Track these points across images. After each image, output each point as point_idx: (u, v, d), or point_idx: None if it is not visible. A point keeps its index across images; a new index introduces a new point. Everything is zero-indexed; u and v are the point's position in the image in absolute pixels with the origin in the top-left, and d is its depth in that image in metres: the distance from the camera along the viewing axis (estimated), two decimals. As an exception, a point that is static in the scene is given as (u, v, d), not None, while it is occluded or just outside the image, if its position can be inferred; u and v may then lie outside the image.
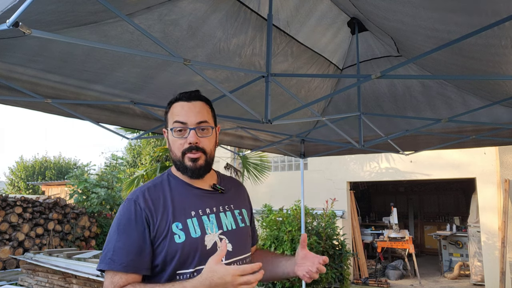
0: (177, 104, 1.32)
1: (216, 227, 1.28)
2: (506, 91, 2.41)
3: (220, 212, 1.33)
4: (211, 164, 1.34)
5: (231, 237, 1.30)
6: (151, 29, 1.94)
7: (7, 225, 8.18)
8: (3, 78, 2.04)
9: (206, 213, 1.29)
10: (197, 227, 1.24)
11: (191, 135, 1.26)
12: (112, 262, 1.17)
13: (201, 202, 1.31)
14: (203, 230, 1.25)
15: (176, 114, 1.29)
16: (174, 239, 1.20)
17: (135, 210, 1.22)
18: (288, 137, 3.93)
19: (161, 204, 1.24)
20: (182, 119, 1.28)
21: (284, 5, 2.19)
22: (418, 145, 3.78)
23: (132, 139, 3.68)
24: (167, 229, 1.21)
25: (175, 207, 1.25)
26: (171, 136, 1.30)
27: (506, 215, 6.61)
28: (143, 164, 16.10)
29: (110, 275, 1.17)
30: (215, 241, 1.26)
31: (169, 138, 1.32)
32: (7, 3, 1.14)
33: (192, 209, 1.27)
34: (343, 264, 6.22)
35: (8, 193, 18.18)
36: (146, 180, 8.76)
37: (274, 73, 1.88)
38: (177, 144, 1.28)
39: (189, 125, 1.27)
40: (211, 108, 1.38)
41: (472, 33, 1.36)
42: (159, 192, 1.28)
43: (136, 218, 1.21)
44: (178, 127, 1.28)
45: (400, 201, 12.24)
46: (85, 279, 5.26)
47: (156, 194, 1.26)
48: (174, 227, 1.21)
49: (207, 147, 1.30)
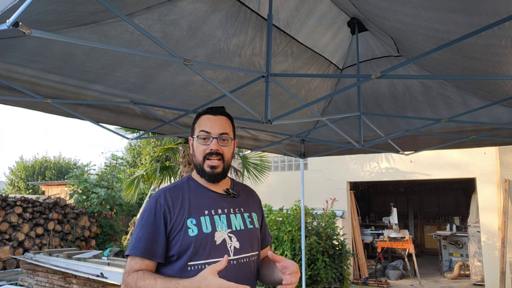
0: (204, 116, 1.53)
1: (226, 226, 1.44)
2: (506, 91, 2.41)
3: (231, 213, 1.49)
4: (227, 171, 1.53)
5: (239, 236, 1.46)
6: (151, 29, 1.94)
7: (7, 225, 8.18)
8: (3, 78, 2.04)
9: (218, 213, 1.46)
10: (208, 224, 1.41)
11: (213, 143, 1.46)
12: (133, 248, 1.37)
13: (214, 203, 1.48)
14: (213, 227, 1.41)
15: (202, 124, 1.50)
16: (188, 233, 1.37)
17: (155, 206, 1.41)
18: (288, 137, 3.93)
19: (179, 202, 1.43)
20: (207, 129, 1.48)
21: (284, 5, 2.19)
22: (418, 145, 3.79)
23: (132, 139, 3.68)
24: (182, 223, 1.38)
25: (191, 205, 1.43)
26: (196, 143, 1.50)
27: (506, 215, 6.61)
28: (143, 164, 16.10)
29: (130, 259, 1.37)
30: (224, 238, 1.42)
31: (194, 144, 1.52)
32: (7, 3, 1.14)
33: (205, 209, 1.44)
34: (343, 264, 6.22)
35: (8, 193, 18.18)
36: (146, 180, 8.77)
37: (274, 73, 1.88)
38: (200, 150, 1.48)
39: (212, 134, 1.47)
40: (232, 124, 1.58)
41: (472, 33, 1.36)
42: (179, 192, 1.47)
43: (156, 213, 1.40)
44: (203, 135, 1.48)
45: (400, 201, 12.24)
46: (85, 279, 5.26)
47: (176, 194, 1.45)
48: (189, 222, 1.39)
49: (226, 155, 1.49)
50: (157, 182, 8.77)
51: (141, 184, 8.89)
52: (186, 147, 8.23)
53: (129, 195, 8.63)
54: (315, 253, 5.86)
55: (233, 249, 1.42)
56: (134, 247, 1.37)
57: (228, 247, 1.41)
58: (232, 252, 1.42)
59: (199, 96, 2.75)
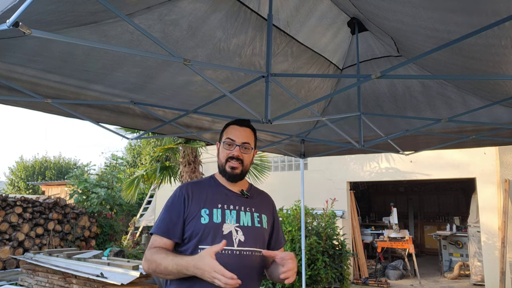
0: (232, 126, 1.75)
1: (235, 220, 1.63)
2: (506, 91, 2.41)
3: (241, 211, 1.68)
4: (245, 174, 1.74)
5: (246, 231, 1.63)
6: (151, 29, 1.94)
7: (7, 225, 8.18)
8: (3, 78, 2.04)
9: (229, 208, 1.66)
10: (219, 216, 1.61)
11: (236, 150, 1.69)
12: (156, 228, 1.61)
13: (228, 199, 1.69)
14: (223, 219, 1.61)
15: (229, 133, 1.73)
16: (200, 220, 1.59)
17: (179, 195, 1.65)
18: (288, 137, 3.93)
19: (198, 194, 1.66)
20: (232, 137, 1.71)
21: (284, 5, 2.19)
22: (418, 145, 3.78)
23: (132, 139, 3.68)
24: (197, 211, 1.60)
25: (207, 198, 1.65)
26: (222, 148, 1.73)
27: (506, 215, 6.61)
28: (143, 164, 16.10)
29: (153, 237, 1.61)
30: (231, 230, 1.61)
31: (220, 148, 1.74)
32: (7, 3, 1.14)
33: (219, 202, 1.66)
34: (343, 264, 6.22)
35: (8, 193, 18.18)
36: (146, 180, 8.76)
37: (274, 73, 1.88)
38: (224, 154, 1.71)
39: (236, 142, 1.70)
40: (255, 135, 1.80)
41: (472, 33, 1.36)
42: (200, 186, 1.71)
43: (178, 200, 1.64)
44: (228, 142, 1.71)
45: (400, 201, 12.24)
46: (85, 279, 5.26)
47: (197, 187, 1.70)
48: (203, 211, 1.61)
49: (246, 160, 1.72)
50: (157, 182, 8.77)
51: (141, 184, 8.89)
52: (186, 147, 8.23)
53: (129, 195, 8.63)
54: (315, 253, 5.85)
55: (237, 241, 1.59)
56: (157, 226, 1.61)
57: (233, 238, 1.59)
58: (236, 243, 1.58)
59: (199, 96, 2.75)
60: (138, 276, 4.89)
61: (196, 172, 8.25)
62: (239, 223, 1.63)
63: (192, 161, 8.25)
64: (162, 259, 1.50)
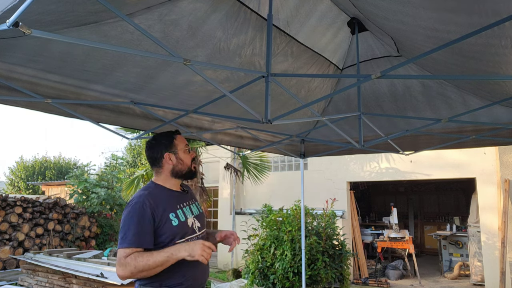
0: (179, 136, 2.06)
1: (190, 213, 2.00)
2: (506, 91, 2.41)
3: (190, 204, 2.04)
4: None
5: (199, 219, 2.04)
6: (151, 29, 1.94)
7: (7, 225, 8.18)
8: (3, 78, 2.04)
9: (184, 206, 1.99)
10: (182, 215, 1.93)
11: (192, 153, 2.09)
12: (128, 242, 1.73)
13: (180, 199, 2.00)
14: (185, 216, 1.95)
15: (181, 141, 2.05)
16: (172, 223, 1.85)
17: (144, 208, 1.80)
18: (288, 137, 3.93)
19: (157, 202, 1.86)
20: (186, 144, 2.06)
21: (284, 5, 2.19)
22: (418, 145, 3.78)
23: (132, 139, 3.68)
24: (165, 218, 1.84)
25: (167, 203, 1.90)
26: (183, 154, 2.02)
27: (506, 215, 6.61)
28: (143, 164, 16.09)
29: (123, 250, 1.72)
30: (192, 221, 1.97)
31: (180, 155, 2.01)
32: (7, 3, 1.14)
33: (176, 204, 1.95)
34: (343, 264, 6.21)
35: (8, 193, 18.17)
36: (146, 180, 8.75)
37: (274, 73, 1.88)
38: (188, 158, 2.04)
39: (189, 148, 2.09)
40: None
41: (472, 33, 1.36)
42: (155, 195, 1.90)
43: (146, 212, 1.79)
44: (188, 148, 2.06)
45: (400, 201, 12.24)
46: (85, 279, 5.26)
47: (153, 197, 1.87)
48: (171, 215, 1.87)
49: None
50: (157, 182, 8.76)
51: (141, 184, 8.88)
52: (186, 147, 8.21)
53: (129, 195, 8.61)
54: (315, 253, 5.85)
55: (197, 228, 1.99)
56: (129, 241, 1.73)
57: (194, 227, 1.97)
58: (197, 230, 1.98)
59: (199, 96, 2.75)
60: (138, 276, 4.89)
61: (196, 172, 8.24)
62: (193, 214, 2.01)
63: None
64: (148, 257, 1.71)
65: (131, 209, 1.79)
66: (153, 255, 1.71)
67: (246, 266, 6.30)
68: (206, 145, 9.36)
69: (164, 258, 1.71)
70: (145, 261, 1.69)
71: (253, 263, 6.06)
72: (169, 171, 1.99)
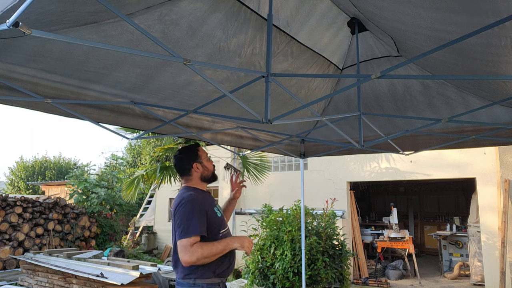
0: (201, 148, 2.40)
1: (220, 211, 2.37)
2: (506, 91, 2.41)
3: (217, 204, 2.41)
4: None
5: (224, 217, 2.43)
6: (151, 29, 1.94)
7: (7, 225, 8.18)
8: (3, 78, 2.04)
9: (216, 204, 2.37)
10: (218, 210, 2.31)
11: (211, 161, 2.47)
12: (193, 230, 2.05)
13: (211, 198, 2.38)
14: (220, 211, 2.34)
15: (204, 152, 2.40)
16: (217, 215, 2.26)
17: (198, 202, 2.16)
18: (288, 137, 3.93)
19: (203, 201, 2.22)
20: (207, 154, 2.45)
21: (284, 5, 2.19)
22: (418, 145, 3.78)
23: (132, 139, 3.68)
24: (212, 211, 2.22)
25: (207, 201, 2.26)
26: (205, 162, 2.37)
27: (506, 215, 6.61)
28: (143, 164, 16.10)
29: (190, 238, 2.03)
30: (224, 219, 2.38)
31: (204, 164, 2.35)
32: (7, 3, 1.14)
33: (212, 202, 2.34)
34: (343, 264, 6.21)
35: (8, 193, 18.17)
36: (146, 180, 8.75)
37: (274, 73, 1.88)
38: (210, 165, 2.39)
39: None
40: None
41: (472, 33, 1.36)
42: (199, 196, 2.24)
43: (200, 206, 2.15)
44: (209, 157, 2.49)
45: (400, 201, 12.24)
46: (85, 279, 5.26)
47: (200, 197, 2.23)
48: (215, 209, 2.27)
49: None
50: (157, 182, 8.76)
51: (141, 184, 8.88)
52: (186, 147, 8.21)
53: (129, 195, 8.62)
54: (315, 253, 5.85)
55: (226, 224, 2.36)
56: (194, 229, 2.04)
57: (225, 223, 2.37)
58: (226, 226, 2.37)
59: (199, 96, 2.75)
60: (138, 276, 4.90)
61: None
62: (221, 212, 2.38)
63: (192, 161, 8.24)
64: (211, 246, 2.06)
65: (188, 205, 2.11)
66: (215, 245, 2.07)
67: (246, 266, 6.30)
68: (206, 145, 9.36)
69: (223, 247, 2.10)
70: (209, 249, 2.03)
71: (253, 263, 6.06)
72: (198, 178, 2.33)
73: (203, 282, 2.09)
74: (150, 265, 5.82)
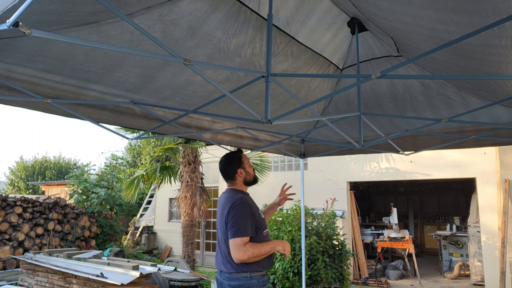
0: (243, 154, 2.60)
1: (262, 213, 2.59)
2: (506, 91, 2.41)
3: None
4: None
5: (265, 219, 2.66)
6: (151, 29, 1.94)
7: (7, 225, 8.18)
8: (3, 78, 2.04)
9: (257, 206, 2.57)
10: (261, 212, 2.54)
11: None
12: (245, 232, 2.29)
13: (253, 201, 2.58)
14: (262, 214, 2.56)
15: (246, 158, 2.61)
16: (261, 217, 2.49)
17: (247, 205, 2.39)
18: (288, 137, 3.93)
19: (251, 203, 2.46)
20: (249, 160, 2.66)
21: (284, 5, 2.19)
22: (418, 145, 3.78)
23: (132, 139, 3.68)
24: (258, 213, 2.45)
25: (254, 204, 2.49)
26: (247, 167, 2.59)
27: (506, 215, 6.61)
28: (143, 164, 16.10)
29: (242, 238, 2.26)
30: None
31: (246, 169, 2.57)
32: (7, 3, 1.14)
33: (255, 204, 2.53)
34: (343, 264, 6.21)
35: (8, 193, 18.17)
36: (146, 180, 8.75)
37: (274, 73, 1.88)
38: (251, 169, 2.61)
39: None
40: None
41: (472, 33, 1.36)
42: (247, 198, 2.47)
43: (249, 209, 2.38)
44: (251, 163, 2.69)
45: (400, 201, 12.24)
46: (85, 279, 5.26)
47: (248, 200, 2.47)
48: (259, 211, 2.51)
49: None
50: (157, 182, 8.77)
51: (141, 184, 8.89)
52: (186, 147, 8.22)
53: (129, 195, 8.63)
54: (315, 253, 5.85)
55: (266, 225, 2.56)
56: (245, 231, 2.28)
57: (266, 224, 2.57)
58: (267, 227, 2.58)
59: (199, 96, 2.75)
60: (138, 276, 4.89)
61: (196, 172, 8.25)
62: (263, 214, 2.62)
63: (192, 161, 8.25)
64: (260, 247, 2.31)
65: (240, 208, 2.34)
66: (263, 246, 2.34)
67: (246, 266, 6.29)
68: (206, 145, 9.36)
69: (269, 249, 2.38)
70: (259, 249, 2.29)
71: (253, 263, 6.05)
72: (241, 181, 2.56)
73: (256, 274, 2.37)
74: (150, 265, 5.82)
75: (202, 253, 10.71)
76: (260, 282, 2.39)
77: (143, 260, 9.47)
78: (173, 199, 11.17)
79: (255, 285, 2.36)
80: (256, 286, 2.36)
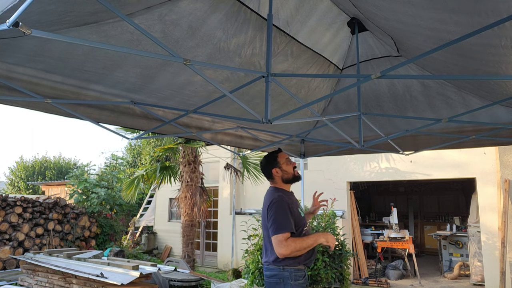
0: (280, 153, 2.67)
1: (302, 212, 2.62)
2: (506, 91, 2.41)
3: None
4: None
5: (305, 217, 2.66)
6: (151, 29, 1.94)
7: (7, 225, 8.18)
8: (3, 78, 2.04)
9: (298, 203, 2.62)
10: (301, 210, 2.58)
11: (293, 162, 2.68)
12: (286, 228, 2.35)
13: (294, 198, 2.64)
14: (302, 212, 2.60)
15: (283, 156, 2.65)
16: (301, 214, 2.54)
17: (285, 203, 2.44)
18: (288, 137, 3.93)
19: (290, 201, 2.50)
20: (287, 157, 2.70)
21: (284, 5, 2.19)
22: (418, 145, 3.78)
23: (132, 139, 3.68)
24: (297, 211, 2.50)
25: (292, 201, 2.54)
26: (285, 165, 2.61)
27: (506, 215, 6.61)
28: (143, 164, 16.10)
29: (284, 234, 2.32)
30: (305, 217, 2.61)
31: (283, 167, 2.60)
32: (7, 3, 1.14)
33: (296, 202, 2.61)
34: (343, 264, 6.20)
35: (8, 193, 18.17)
36: (146, 180, 8.75)
37: (274, 73, 1.88)
38: (290, 167, 2.63)
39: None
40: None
41: (472, 33, 1.36)
42: (285, 196, 2.52)
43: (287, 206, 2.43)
44: (289, 159, 2.68)
45: (400, 201, 12.24)
46: (85, 279, 5.26)
47: (286, 197, 2.51)
48: (299, 209, 2.54)
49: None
50: (157, 182, 8.76)
51: (141, 184, 8.88)
52: (186, 147, 8.22)
53: (129, 195, 8.62)
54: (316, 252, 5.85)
55: (306, 223, 2.60)
56: (286, 227, 2.34)
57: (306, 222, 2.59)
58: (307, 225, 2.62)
59: (199, 96, 2.75)
60: (138, 276, 4.89)
61: (196, 172, 8.25)
62: (303, 212, 2.65)
63: (192, 161, 8.25)
64: (302, 241, 2.36)
65: (279, 205, 2.41)
66: (305, 240, 2.38)
67: (246, 266, 6.29)
68: (206, 145, 9.36)
69: (312, 241, 2.40)
70: (300, 243, 2.34)
71: (253, 263, 6.06)
72: (280, 180, 2.60)
73: (291, 268, 2.40)
74: (150, 265, 5.82)
75: (202, 253, 10.71)
76: (293, 275, 2.41)
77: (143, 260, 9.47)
78: (173, 199, 11.18)
79: (287, 277, 2.39)
80: (287, 278, 2.39)
